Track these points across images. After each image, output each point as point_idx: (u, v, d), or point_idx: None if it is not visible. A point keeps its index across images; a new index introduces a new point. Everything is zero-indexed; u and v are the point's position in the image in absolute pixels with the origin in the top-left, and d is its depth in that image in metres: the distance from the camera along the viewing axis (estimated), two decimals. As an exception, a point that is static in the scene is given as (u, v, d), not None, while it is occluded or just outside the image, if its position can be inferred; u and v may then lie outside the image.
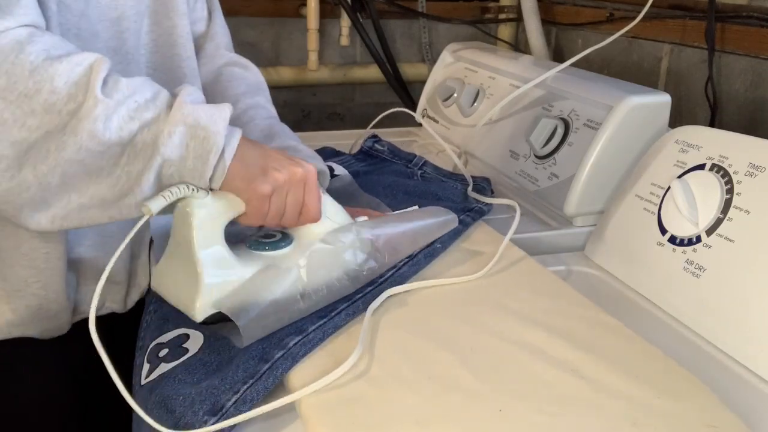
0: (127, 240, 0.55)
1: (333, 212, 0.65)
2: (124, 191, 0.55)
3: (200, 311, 0.57)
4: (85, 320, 0.72)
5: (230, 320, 0.56)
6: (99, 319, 0.54)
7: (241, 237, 0.64)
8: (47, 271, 0.66)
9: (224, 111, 0.57)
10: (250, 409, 0.49)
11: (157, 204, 0.54)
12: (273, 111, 0.83)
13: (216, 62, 0.84)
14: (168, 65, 0.74)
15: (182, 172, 0.55)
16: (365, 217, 0.69)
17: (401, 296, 0.64)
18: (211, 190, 0.57)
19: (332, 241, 0.64)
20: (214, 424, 0.48)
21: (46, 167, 0.52)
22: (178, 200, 0.56)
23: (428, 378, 0.52)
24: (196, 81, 0.77)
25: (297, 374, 0.53)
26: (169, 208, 0.57)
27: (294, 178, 0.59)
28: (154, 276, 0.63)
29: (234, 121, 0.77)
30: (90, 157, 0.52)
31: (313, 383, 0.51)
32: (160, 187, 0.56)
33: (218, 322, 0.59)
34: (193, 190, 0.56)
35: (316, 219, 0.63)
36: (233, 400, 0.50)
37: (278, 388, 0.52)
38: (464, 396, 0.50)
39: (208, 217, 0.57)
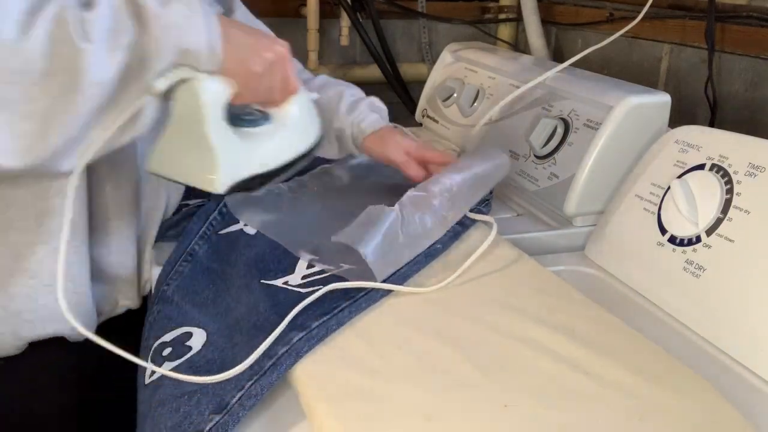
0: (124, 117, 0.55)
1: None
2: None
3: (221, 183, 0.62)
4: (104, 322, 0.72)
5: (244, 189, 0.65)
6: (118, 318, 0.54)
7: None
8: (75, 264, 0.66)
9: (196, 7, 0.56)
10: (254, 405, 0.50)
11: (161, 83, 0.56)
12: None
13: None
14: None
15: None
16: None
17: (402, 295, 0.64)
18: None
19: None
20: (219, 421, 0.48)
21: (67, 126, 0.52)
22: (181, 82, 0.58)
23: (434, 373, 0.52)
24: None
25: (300, 370, 0.53)
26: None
27: (280, 56, 0.63)
28: (152, 159, 0.64)
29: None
30: (102, 98, 0.53)
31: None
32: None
33: (235, 192, 0.65)
34: (194, 71, 0.58)
35: (296, 90, 0.69)
36: (237, 396, 0.50)
37: (282, 384, 0.53)
38: (470, 391, 0.50)
39: (212, 96, 0.60)
